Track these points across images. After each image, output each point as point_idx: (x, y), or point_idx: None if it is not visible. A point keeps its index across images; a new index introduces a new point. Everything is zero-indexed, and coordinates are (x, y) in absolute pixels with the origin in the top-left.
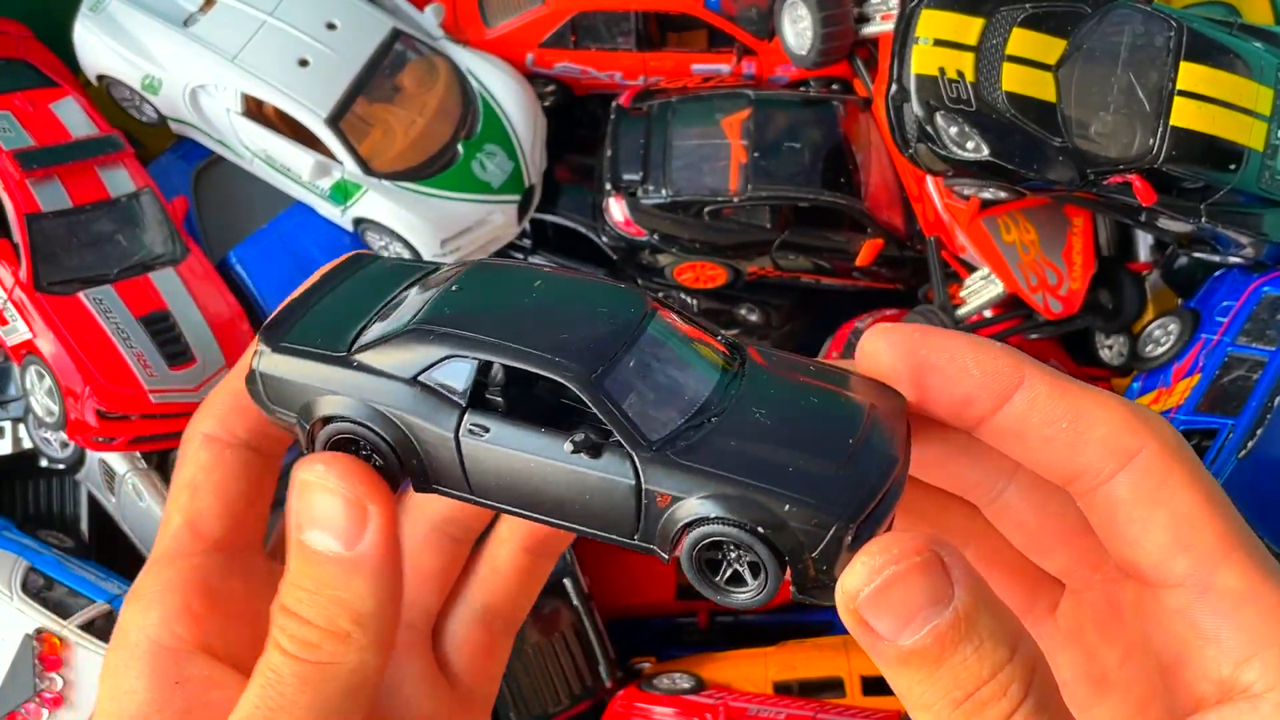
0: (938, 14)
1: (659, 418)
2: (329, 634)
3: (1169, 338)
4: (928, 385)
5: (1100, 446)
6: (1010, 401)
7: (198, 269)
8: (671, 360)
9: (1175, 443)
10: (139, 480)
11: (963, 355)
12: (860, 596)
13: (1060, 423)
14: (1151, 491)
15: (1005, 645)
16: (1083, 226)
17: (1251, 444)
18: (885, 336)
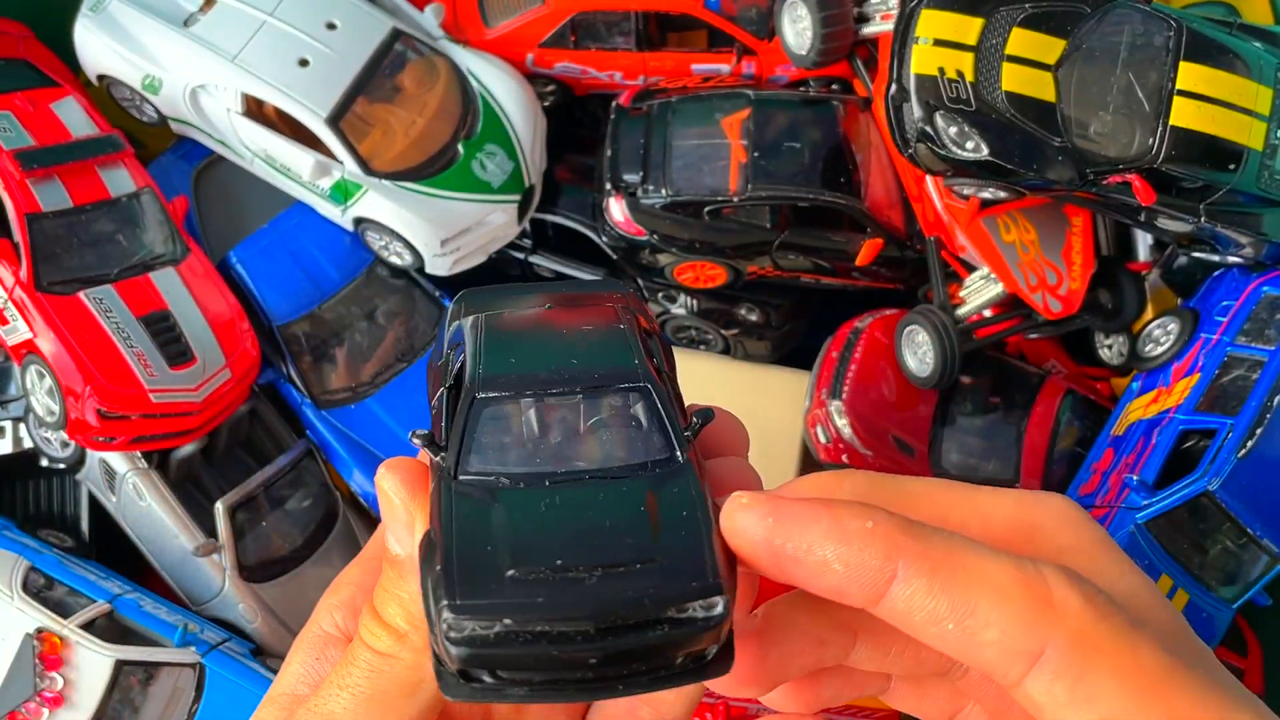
0: (937, 14)
1: None
2: (389, 630)
3: (1169, 337)
4: (789, 574)
5: (997, 650)
6: (886, 597)
7: (198, 269)
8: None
9: (1089, 625)
10: (139, 480)
11: (821, 548)
12: None
13: (945, 623)
14: (1068, 695)
15: None
16: (1082, 226)
17: (1251, 444)
18: (742, 512)
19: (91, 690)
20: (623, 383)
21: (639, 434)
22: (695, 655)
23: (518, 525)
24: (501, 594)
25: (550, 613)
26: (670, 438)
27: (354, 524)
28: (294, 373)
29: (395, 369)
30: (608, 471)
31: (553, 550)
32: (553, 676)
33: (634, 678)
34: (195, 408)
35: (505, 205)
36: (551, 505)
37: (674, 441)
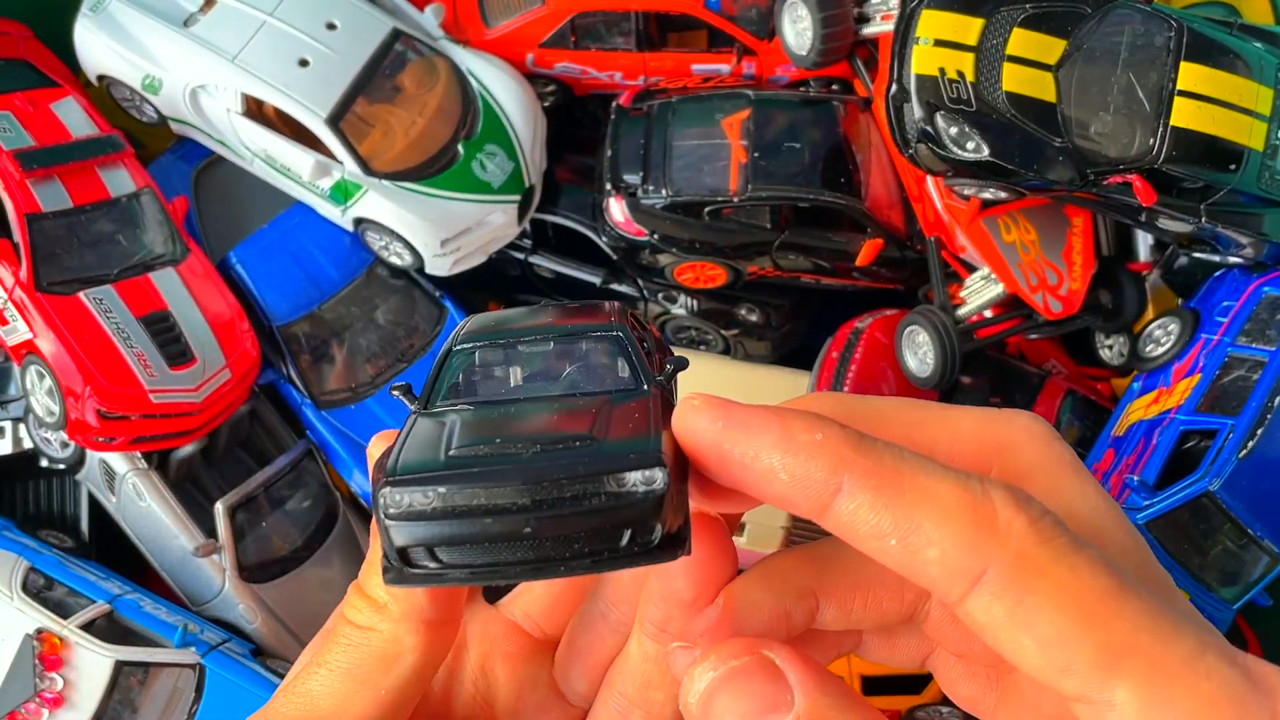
0: (938, 14)
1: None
2: (369, 601)
3: (1169, 338)
4: (739, 481)
5: (939, 568)
6: (830, 510)
7: (198, 269)
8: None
9: (1030, 549)
10: (139, 480)
11: (768, 456)
12: (692, 704)
13: (888, 539)
14: (1007, 616)
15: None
16: (1083, 226)
17: (1252, 444)
18: (691, 418)
19: (91, 691)
20: (595, 331)
21: (606, 371)
22: (642, 539)
23: (466, 424)
24: (438, 469)
25: (483, 481)
26: (637, 374)
27: (354, 524)
28: (294, 373)
29: (395, 369)
30: (572, 396)
31: (494, 434)
32: (492, 558)
33: (576, 558)
34: (195, 408)
35: (505, 205)
36: (504, 413)
37: (640, 376)
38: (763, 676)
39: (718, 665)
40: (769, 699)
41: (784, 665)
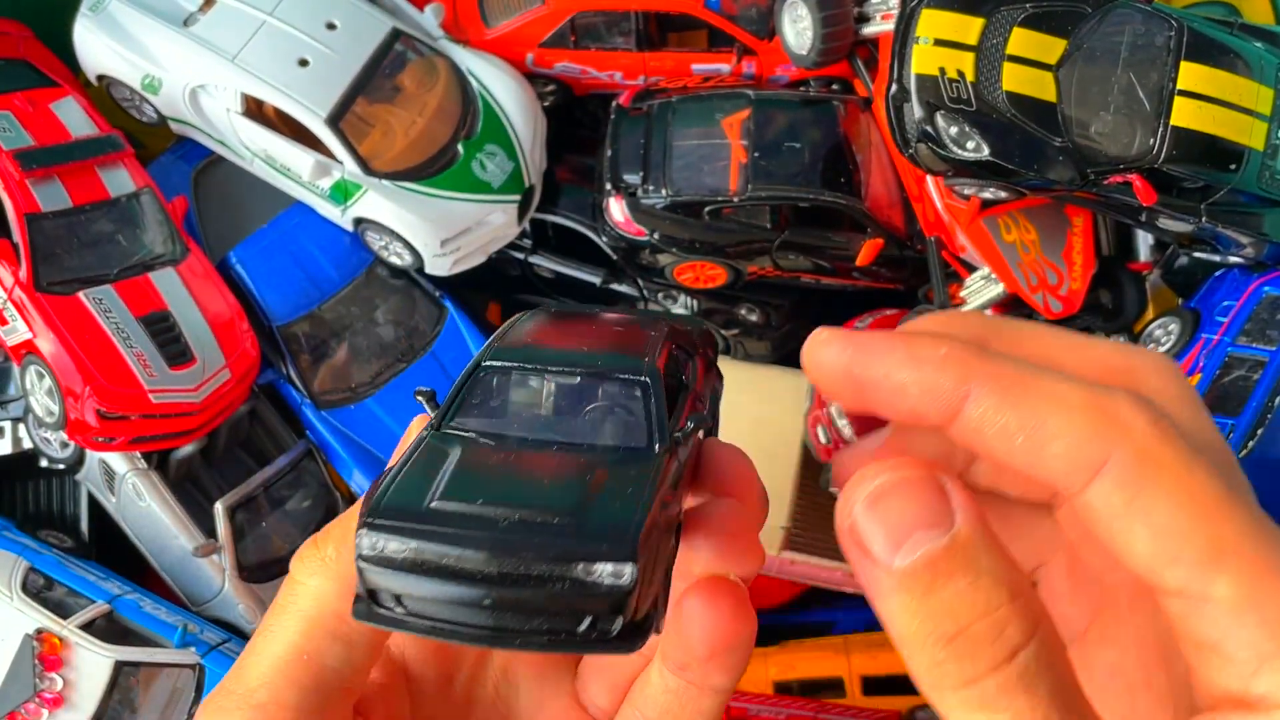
0: (938, 14)
1: None
2: (310, 543)
3: (1169, 337)
4: (870, 400)
5: (1063, 461)
6: (960, 417)
7: (198, 269)
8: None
9: (1152, 443)
10: (139, 480)
11: (898, 373)
12: (857, 510)
13: (1015, 437)
14: (1125, 505)
15: (1004, 588)
16: (1083, 226)
17: (1252, 444)
18: (824, 346)
19: (91, 691)
20: (624, 374)
21: (623, 422)
22: (602, 628)
23: (463, 469)
24: (415, 519)
25: (455, 545)
26: (652, 431)
27: None
28: (294, 373)
29: (395, 369)
30: (577, 446)
31: (480, 491)
32: (453, 617)
33: (533, 635)
34: (195, 408)
35: (505, 205)
36: (505, 461)
37: (654, 434)
38: (931, 492)
39: (893, 471)
40: (934, 513)
41: (951, 490)
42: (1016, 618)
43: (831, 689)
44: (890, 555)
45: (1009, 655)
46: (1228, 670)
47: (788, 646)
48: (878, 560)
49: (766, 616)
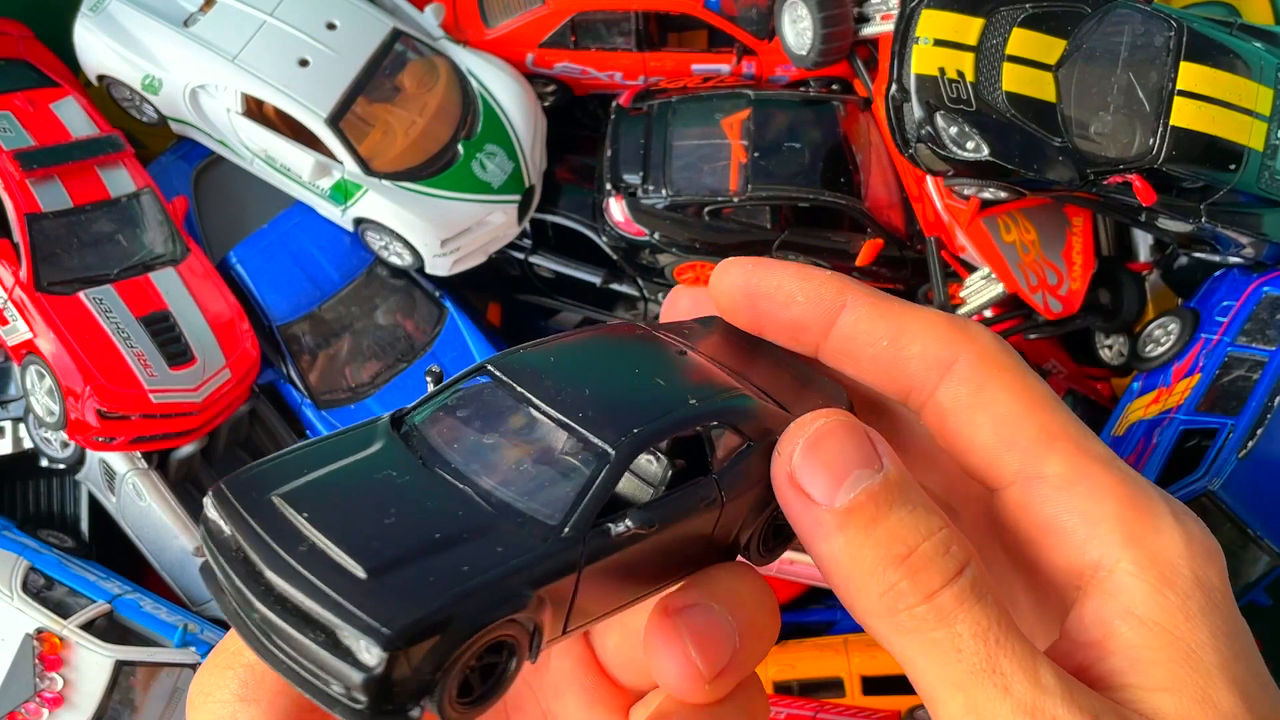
0: (938, 14)
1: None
2: None
3: (1169, 337)
4: (761, 312)
5: (920, 361)
6: (836, 324)
7: (198, 269)
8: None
9: (992, 349)
10: (139, 480)
11: (789, 283)
12: (795, 458)
13: (881, 340)
14: (970, 398)
15: (936, 516)
16: (1083, 226)
17: (1251, 444)
18: (728, 267)
19: (91, 691)
20: (595, 435)
21: (555, 487)
22: (353, 694)
23: (340, 474)
24: (248, 504)
25: (252, 545)
26: (571, 513)
27: None
28: (294, 373)
29: (395, 369)
30: (484, 496)
31: (324, 505)
32: (241, 611)
33: (292, 668)
34: (195, 408)
35: (505, 205)
36: (388, 484)
37: (573, 519)
38: (861, 435)
39: (825, 419)
40: (866, 455)
41: (875, 437)
42: (956, 538)
43: (831, 689)
44: (831, 495)
45: (959, 568)
46: (1064, 545)
47: (787, 646)
48: (819, 502)
49: None
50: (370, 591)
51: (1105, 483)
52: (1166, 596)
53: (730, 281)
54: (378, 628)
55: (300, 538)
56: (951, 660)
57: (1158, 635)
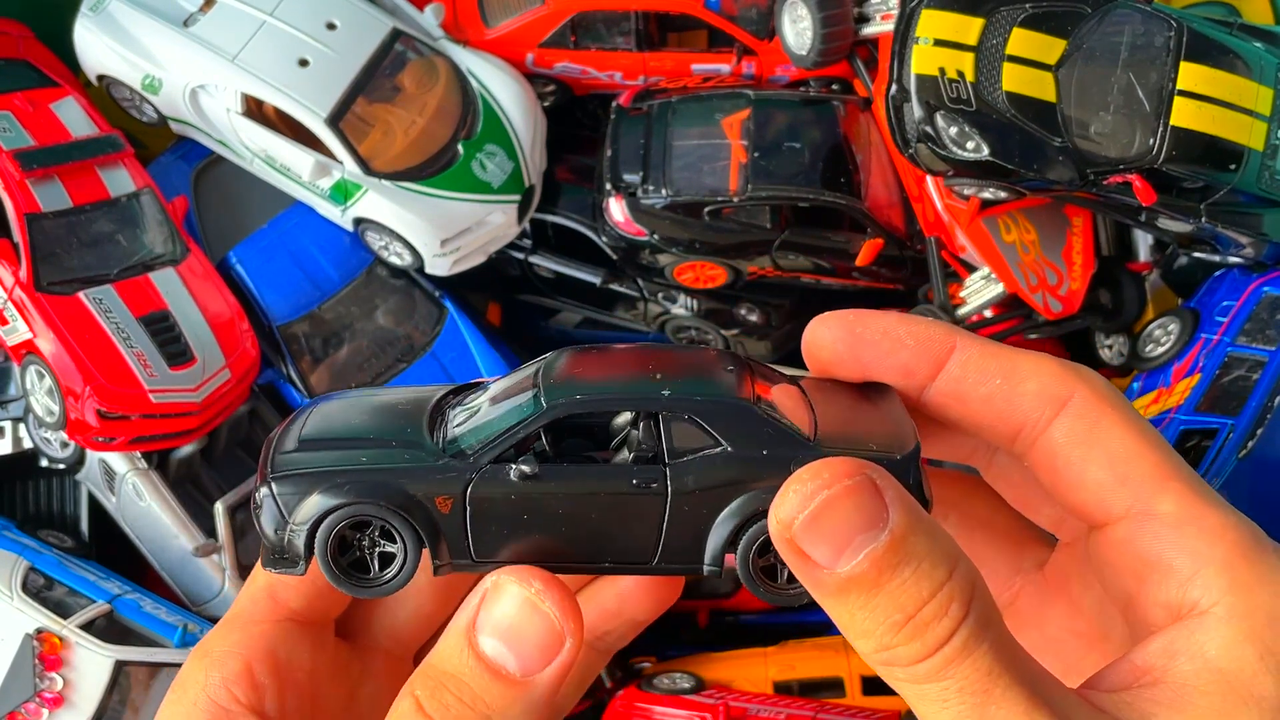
0: (938, 14)
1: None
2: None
3: (1169, 337)
4: (866, 361)
5: (1034, 398)
6: (946, 366)
7: (198, 269)
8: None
9: (1105, 388)
10: (139, 480)
11: (896, 329)
12: (795, 525)
13: (994, 379)
14: (1086, 433)
15: (943, 566)
16: (1083, 226)
17: (1252, 444)
18: (825, 322)
19: (91, 691)
20: (543, 394)
21: (489, 426)
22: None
23: (385, 399)
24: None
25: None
26: (483, 444)
27: None
28: (294, 373)
29: (395, 369)
30: (444, 427)
31: (351, 404)
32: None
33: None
34: (195, 408)
35: (505, 205)
36: (399, 407)
37: (478, 447)
38: (866, 495)
39: (830, 484)
40: (871, 516)
41: (882, 485)
42: (957, 592)
43: (831, 689)
44: (834, 562)
45: (952, 630)
46: (1167, 583)
47: (787, 646)
48: (821, 566)
49: (766, 616)
50: (288, 456)
51: (1217, 526)
52: (1246, 648)
53: (832, 334)
54: (267, 475)
55: (291, 429)
56: (944, 713)
57: (1218, 681)
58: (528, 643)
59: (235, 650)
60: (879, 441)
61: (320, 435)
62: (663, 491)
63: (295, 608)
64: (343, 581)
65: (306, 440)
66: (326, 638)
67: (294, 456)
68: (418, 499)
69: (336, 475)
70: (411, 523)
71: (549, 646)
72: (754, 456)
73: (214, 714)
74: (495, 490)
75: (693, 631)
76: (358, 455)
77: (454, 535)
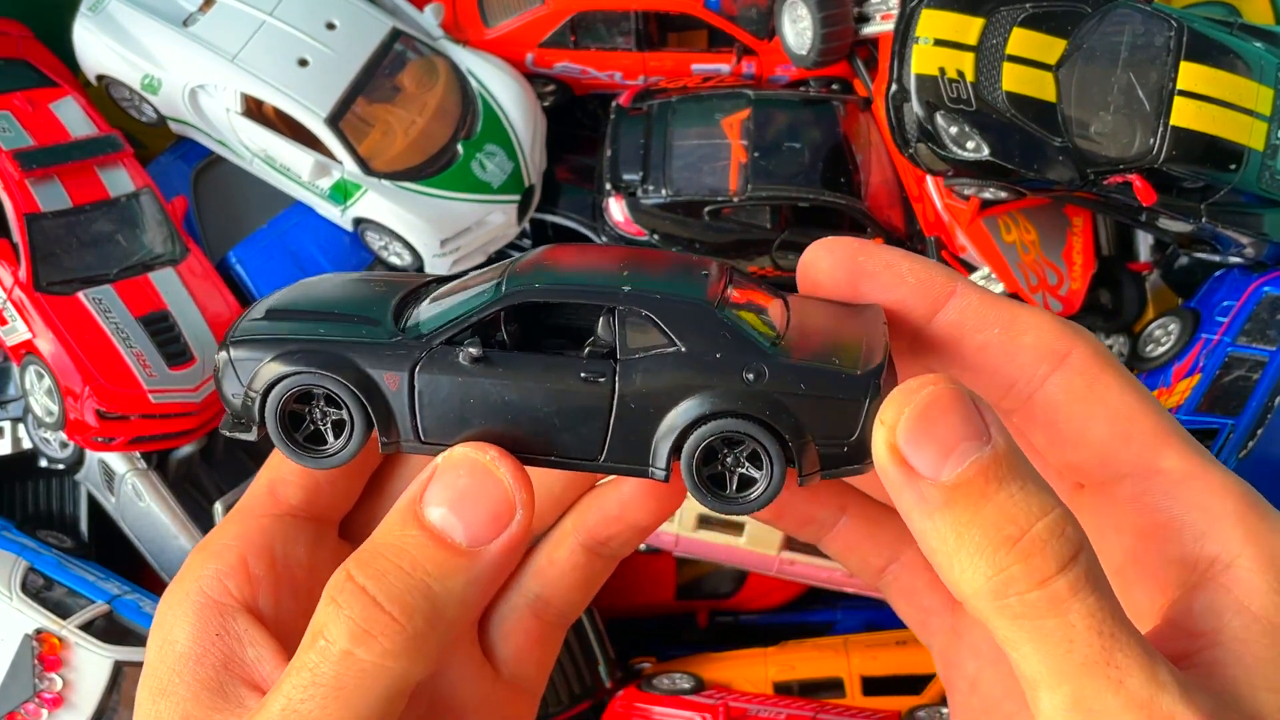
0: (938, 14)
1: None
2: (394, 624)
3: (1169, 337)
4: (863, 293)
5: (1032, 351)
6: (944, 309)
7: (197, 269)
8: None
9: (1101, 347)
10: (139, 480)
11: (898, 264)
12: (899, 428)
13: (993, 329)
14: (1085, 390)
15: (1050, 494)
16: (1083, 226)
17: (1252, 444)
18: (826, 245)
19: (91, 691)
20: (505, 281)
21: (448, 310)
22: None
23: (361, 281)
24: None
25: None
26: (434, 324)
27: None
28: None
29: None
30: (407, 310)
31: (334, 281)
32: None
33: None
34: (194, 408)
35: (505, 205)
36: (373, 289)
37: (430, 327)
38: (969, 405)
39: (936, 395)
40: (975, 426)
41: (984, 407)
42: (1070, 520)
43: (831, 689)
44: (939, 469)
45: (1074, 553)
46: (1180, 539)
47: (787, 646)
48: (924, 476)
49: (766, 616)
50: (251, 323)
51: (1222, 482)
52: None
53: (832, 260)
54: (227, 339)
55: (272, 297)
56: (1062, 650)
57: (1271, 633)
58: (478, 510)
59: (232, 543)
60: (844, 357)
61: (287, 306)
62: (610, 387)
63: (294, 503)
64: (290, 450)
65: (274, 310)
66: (328, 536)
67: (256, 324)
68: (366, 373)
69: (290, 343)
70: (359, 396)
71: (500, 515)
72: (706, 359)
73: (205, 605)
74: (443, 372)
75: (693, 631)
76: (316, 327)
77: (402, 415)
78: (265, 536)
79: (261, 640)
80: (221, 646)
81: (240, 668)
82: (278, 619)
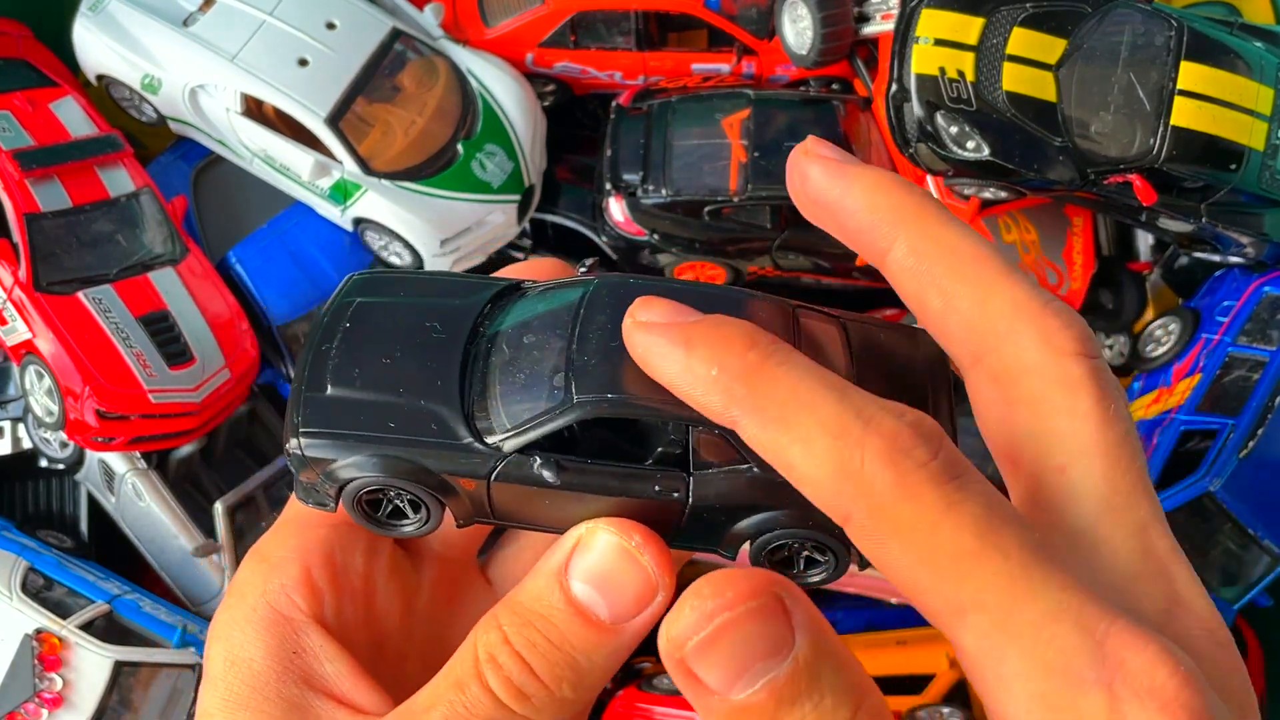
0: (938, 13)
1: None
2: (545, 690)
3: (1169, 337)
4: (840, 223)
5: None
6: (895, 246)
7: (197, 269)
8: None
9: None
10: (139, 480)
11: (851, 215)
12: (687, 646)
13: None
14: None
15: (849, 702)
16: (1083, 226)
17: (1252, 444)
18: (819, 168)
19: (91, 691)
20: (574, 380)
21: (520, 405)
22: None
23: (411, 316)
24: (340, 299)
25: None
26: (507, 432)
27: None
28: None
29: None
30: (482, 378)
31: (374, 322)
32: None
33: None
34: (194, 408)
35: (505, 205)
36: (434, 336)
37: (500, 436)
38: (772, 619)
39: (733, 605)
40: (775, 643)
41: (792, 606)
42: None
43: None
44: (728, 689)
45: None
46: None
47: None
48: (713, 691)
49: None
50: (317, 399)
51: (1026, 666)
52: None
53: (806, 162)
54: (297, 426)
55: (330, 341)
56: None
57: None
58: (622, 591)
59: (294, 555)
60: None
61: (352, 375)
62: (684, 501)
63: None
64: (372, 526)
65: (338, 377)
66: (382, 545)
67: (323, 404)
68: (441, 478)
69: (362, 445)
70: (435, 495)
71: (643, 597)
72: (778, 481)
73: (274, 620)
74: (519, 481)
75: None
76: (385, 419)
77: (478, 504)
78: (325, 546)
79: (336, 655)
80: (300, 664)
81: (321, 682)
82: (341, 628)
